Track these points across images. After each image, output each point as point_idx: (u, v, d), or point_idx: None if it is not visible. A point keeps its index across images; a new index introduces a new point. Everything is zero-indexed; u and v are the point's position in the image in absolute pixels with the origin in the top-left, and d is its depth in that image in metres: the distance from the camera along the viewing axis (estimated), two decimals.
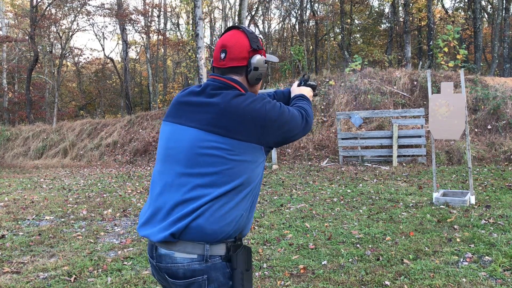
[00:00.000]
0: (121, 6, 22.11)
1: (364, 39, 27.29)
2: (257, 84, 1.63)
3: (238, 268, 1.40)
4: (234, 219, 1.43)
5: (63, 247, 4.54)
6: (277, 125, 1.48)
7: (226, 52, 1.55)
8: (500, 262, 3.47)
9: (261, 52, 1.61)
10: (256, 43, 1.58)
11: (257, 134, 1.45)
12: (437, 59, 13.84)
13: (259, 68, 1.57)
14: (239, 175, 1.43)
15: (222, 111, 1.45)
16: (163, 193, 1.47)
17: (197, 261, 1.38)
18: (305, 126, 1.59)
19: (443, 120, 5.65)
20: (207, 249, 1.39)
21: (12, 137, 17.56)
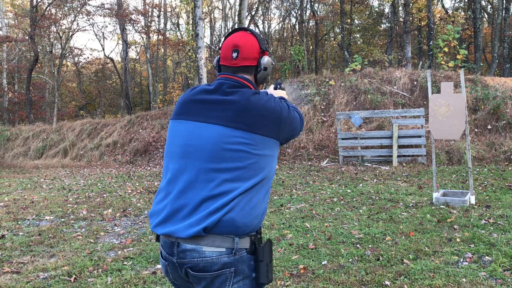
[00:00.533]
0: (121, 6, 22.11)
1: (364, 39, 27.29)
2: (263, 83, 1.70)
3: (264, 260, 1.46)
4: (260, 212, 1.52)
5: (63, 247, 4.54)
6: (289, 122, 1.57)
7: (238, 51, 1.62)
8: (500, 262, 3.47)
9: (268, 53, 1.69)
10: (264, 44, 1.67)
11: (275, 130, 1.53)
12: (437, 59, 13.84)
13: (268, 69, 1.64)
14: (262, 169, 1.51)
15: (243, 108, 1.51)
16: (186, 190, 1.50)
17: (226, 254, 1.44)
18: (302, 125, 1.69)
19: (443, 120, 5.65)
20: (236, 242, 1.44)
21: (12, 137, 17.56)
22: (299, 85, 14.21)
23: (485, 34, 23.96)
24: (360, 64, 14.18)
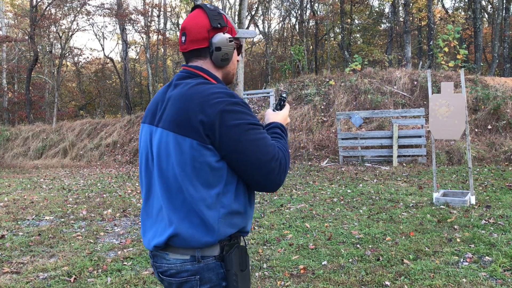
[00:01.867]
0: (121, 6, 22.11)
1: (364, 39, 27.29)
2: (226, 65, 1.48)
3: (231, 269, 1.35)
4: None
5: (63, 247, 4.54)
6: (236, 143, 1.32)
7: (186, 34, 1.45)
8: (500, 262, 3.47)
9: (225, 30, 1.44)
10: (217, 20, 1.43)
11: (206, 133, 1.38)
12: (437, 59, 13.83)
13: (222, 48, 1.42)
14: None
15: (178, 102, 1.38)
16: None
17: (190, 262, 1.36)
18: (272, 172, 1.35)
19: (443, 120, 5.64)
20: (197, 251, 1.36)
21: (12, 137, 17.55)
22: (299, 85, 14.21)
23: (485, 34, 23.96)
24: (360, 64, 14.18)
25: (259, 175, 1.34)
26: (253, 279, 3.44)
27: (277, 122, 1.55)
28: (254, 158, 1.32)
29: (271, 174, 1.35)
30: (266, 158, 1.33)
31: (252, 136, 1.32)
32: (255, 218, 5.38)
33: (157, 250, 1.40)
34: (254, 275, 3.53)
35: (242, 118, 1.32)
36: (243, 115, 1.33)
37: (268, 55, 26.08)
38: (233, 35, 1.48)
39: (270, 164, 1.34)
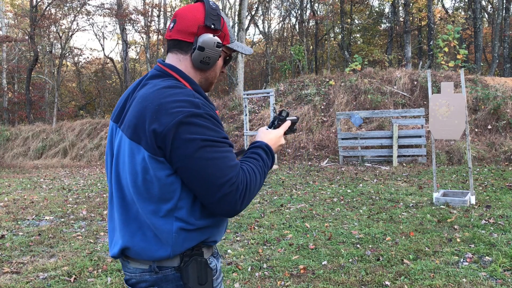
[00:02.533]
0: (121, 6, 22.11)
1: (364, 39, 27.29)
2: (206, 69, 1.36)
3: (188, 283, 1.26)
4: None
5: (63, 247, 4.54)
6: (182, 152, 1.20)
7: (175, 22, 1.34)
8: (501, 262, 3.47)
9: (217, 33, 1.33)
10: (213, 20, 1.32)
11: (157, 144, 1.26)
12: (437, 59, 13.84)
13: (205, 49, 1.30)
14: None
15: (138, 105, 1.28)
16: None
17: (148, 272, 1.28)
18: (226, 197, 1.21)
19: (443, 120, 5.64)
20: (153, 262, 1.29)
21: (12, 137, 17.55)
22: (299, 85, 14.21)
23: (485, 34, 23.96)
24: (360, 64, 14.19)
25: (210, 198, 1.20)
26: (253, 279, 3.44)
27: (263, 142, 1.40)
28: (205, 179, 1.19)
29: (224, 200, 1.21)
30: (219, 181, 1.19)
31: (206, 154, 1.19)
32: (255, 218, 5.39)
33: (117, 258, 1.35)
34: (254, 275, 3.53)
35: (200, 133, 1.18)
36: (202, 129, 1.19)
37: (268, 55, 26.08)
38: (225, 43, 1.38)
39: (223, 188, 1.19)
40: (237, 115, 14.04)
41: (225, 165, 1.21)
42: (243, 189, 1.23)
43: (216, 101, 16.16)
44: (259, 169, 1.32)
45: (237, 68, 16.99)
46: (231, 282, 3.39)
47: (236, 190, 1.21)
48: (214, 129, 1.22)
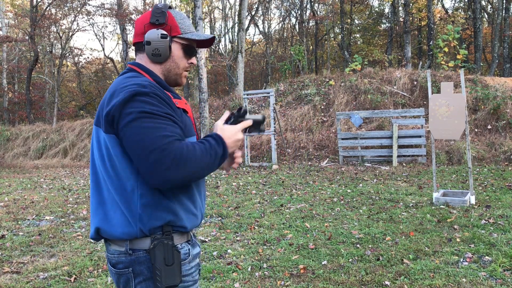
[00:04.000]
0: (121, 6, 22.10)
1: (364, 39, 27.30)
2: (161, 61, 1.47)
3: (155, 263, 1.36)
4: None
5: (63, 247, 4.54)
6: (128, 129, 1.29)
7: (134, 28, 1.53)
8: (500, 262, 3.47)
9: (163, 27, 1.45)
10: (156, 17, 1.45)
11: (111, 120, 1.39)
12: (437, 59, 13.84)
13: (152, 42, 1.43)
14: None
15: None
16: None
17: (123, 254, 1.39)
18: (155, 164, 1.25)
19: (443, 120, 5.65)
20: (126, 244, 1.39)
21: (12, 137, 17.56)
22: (299, 85, 14.21)
23: (485, 34, 23.96)
24: (360, 64, 14.20)
25: (143, 165, 1.27)
26: (253, 279, 3.45)
27: (215, 132, 1.46)
28: (138, 145, 1.27)
29: (154, 167, 1.26)
30: (149, 147, 1.26)
31: (141, 123, 1.28)
32: (255, 218, 5.39)
33: (95, 240, 1.47)
34: (254, 275, 3.53)
35: (140, 107, 1.29)
36: (143, 104, 1.30)
37: (268, 55, 26.08)
38: (174, 34, 1.47)
39: (153, 154, 1.25)
40: None
41: (159, 134, 1.27)
42: (175, 159, 1.25)
43: (216, 101, 16.16)
44: (202, 149, 1.34)
45: (237, 68, 16.99)
46: (231, 282, 3.40)
47: (167, 157, 1.25)
48: (156, 105, 1.32)
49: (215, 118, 14.33)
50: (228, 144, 1.43)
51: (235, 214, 5.63)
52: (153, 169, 1.26)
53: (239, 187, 7.84)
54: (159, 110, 1.31)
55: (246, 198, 6.69)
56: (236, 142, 1.47)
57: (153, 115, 1.30)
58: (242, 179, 8.77)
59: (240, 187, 7.78)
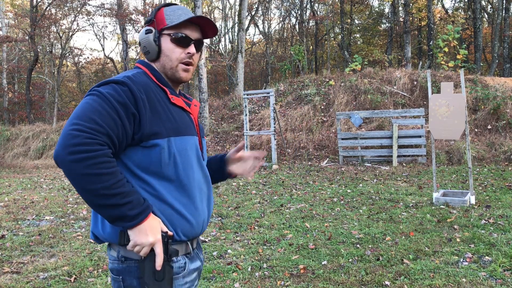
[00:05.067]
0: (121, 6, 22.10)
1: (364, 39, 27.30)
2: (153, 58, 1.43)
3: (143, 277, 1.24)
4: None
5: (63, 247, 4.54)
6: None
7: None
8: (500, 262, 3.47)
9: (151, 24, 1.43)
10: (149, 17, 1.45)
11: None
12: (437, 59, 13.84)
13: (141, 42, 1.43)
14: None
15: None
16: None
17: (116, 261, 1.32)
18: (65, 136, 1.16)
19: (443, 120, 5.65)
20: (118, 249, 1.32)
21: (12, 137, 17.56)
22: (299, 85, 14.21)
23: (485, 34, 23.96)
24: (360, 64, 14.20)
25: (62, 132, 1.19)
26: (253, 279, 3.45)
27: (147, 211, 1.23)
28: (72, 115, 1.21)
29: (62, 136, 1.16)
30: (74, 120, 1.18)
31: (87, 99, 1.24)
32: (255, 218, 5.39)
33: (100, 243, 1.43)
34: (254, 275, 3.53)
35: (101, 89, 1.26)
36: (106, 88, 1.26)
37: (268, 55, 26.08)
38: (161, 26, 1.42)
39: (71, 126, 1.16)
40: (237, 115, 14.05)
41: (92, 113, 1.19)
42: (86, 151, 1.13)
43: (216, 101, 16.16)
44: (110, 179, 1.16)
45: (237, 68, 16.99)
46: (231, 282, 3.40)
47: (77, 137, 1.14)
48: (116, 91, 1.25)
49: (215, 118, 14.34)
50: (146, 222, 1.21)
51: (235, 214, 5.63)
52: (60, 138, 1.16)
53: (239, 187, 7.84)
54: (115, 97, 1.23)
55: (246, 198, 6.69)
56: (150, 231, 1.22)
57: (104, 97, 1.23)
58: (242, 179, 8.77)
59: (240, 187, 7.78)
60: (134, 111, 1.26)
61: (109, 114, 1.21)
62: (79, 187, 1.15)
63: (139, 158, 1.30)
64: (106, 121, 1.20)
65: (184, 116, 1.42)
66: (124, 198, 1.17)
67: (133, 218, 1.19)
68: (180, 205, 1.33)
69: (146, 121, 1.28)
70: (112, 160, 1.19)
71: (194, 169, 1.39)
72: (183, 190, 1.35)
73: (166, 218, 1.31)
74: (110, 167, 1.17)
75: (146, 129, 1.27)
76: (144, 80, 1.34)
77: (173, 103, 1.39)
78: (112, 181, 1.16)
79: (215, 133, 13.49)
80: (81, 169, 1.13)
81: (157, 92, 1.35)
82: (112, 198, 1.16)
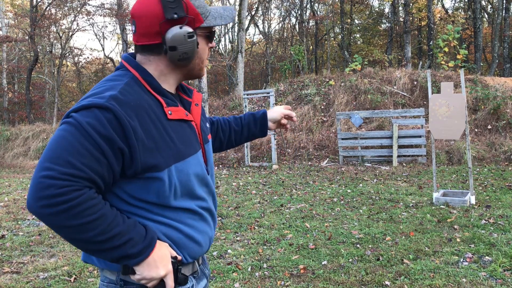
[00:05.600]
0: (121, 6, 22.10)
1: (364, 39, 27.30)
2: (187, 65, 1.20)
3: None
4: None
5: (63, 247, 4.54)
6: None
7: (135, 24, 1.16)
8: (500, 262, 3.47)
9: (184, 21, 1.14)
10: (173, 9, 1.12)
11: None
12: (437, 59, 13.84)
13: (179, 47, 1.13)
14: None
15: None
16: None
17: (113, 284, 1.16)
18: (37, 184, 0.97)
19: (443, 120, 5.65)
20: (118, 273, 1.15)
21: (12, 137, 17.56)
22: (299, 85, 14.21)
23: (485, 34, 23.96)
24: (360, 64, 14.19)
25: (33, 176, 0.98)
26: (253, 279, 3.45)
27: (153, 242, 1.10)
28: (44, 152, 1.01)
29: (33, 187, 0.97)
30: (46, 162, 0.98)
31: (57, 131, 1.03)
32: (255, 218, 5.39)
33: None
34: (254, 275, 3.53)
35: (82, 116, 1.02)
36: (87, 116, 1.02)
37: (268, 55, 26.08)
38: (198, 24, 1.18)
39: (42, 172, 0.97)
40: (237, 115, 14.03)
41: (68, 154, 0.98)
42: (62, 202, 0.95)
43: (216, 101, 16.16)
44: (101, 224, 1.00)
45: (237, 68, 16.99)
46: (231, 282, 3.40)
47: (49, 188, 0.95)
48: (99, 120, 1.01)
49: None
50: (153, 253, 1.08)
51: (235, 214, 5.63)
52: (31, 185, 0.97)
53: (239, 187, 7.84)
54: (99, 131, 1.01)
55: (246, 198, 6.69)
56: (160, 263, 1.09)
57: (83, 129, 1.00)
58: (242, 179, 8.76)
59: (240, 187, 7.78)
60: (122, 146, 1.03)
61: (89, 152, 1.00)
62: (67, 238, 1.00)
63: (132, 190, 1.11)
64: (86, 162, 0.99)
65: (185, 129, 1.20)
66: (123, 237, 1.03)
67: (138, 255, 1.05)
68: (186, 227, 1.19)
69: (139, 154, 1.06)
70: (97, 201, 1.01)
71: (197, 191, 1.22)
72: (187, 212, 1.21)
73: (173, 242, 1.17)
74: (97, 211, 1.00)
75: (140, 163, 1.07)
76: (134, 96, 1.09)
77: (169, 119, 1.15)
78: (104, 224, 1.00)
79: None
80: (63, 221, 0.97)
81: (151, 110, 1.11)
82: (108, 242, 1.01)
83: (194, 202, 1.22)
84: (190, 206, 1.20)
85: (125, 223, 1.05)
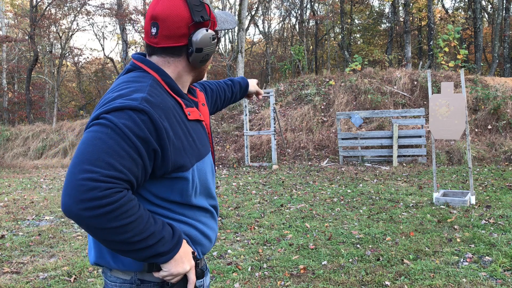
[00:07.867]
0: (121, 6, 22.10)
1: (364, 39, 27.29)
2: (202, 67, 1.26)
3: None
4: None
5: (63, 247, 4.54)
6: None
7: (158, 26, 1.15)
8: (501, 262, 3.47)
9: (207, 24, 1.19)
10: (200, 12, 1.16)
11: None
12: (437, 59, 13.84)
13: (204, 49, 1.17)
14: None
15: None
16: None
17: (128, 284, 1.17)
18: (76, 187, 0.95)
19: (443, 120, 5.64)
20: (135, 273, 1.18)
21: (12, 137, 17.55)
22: (299, 85, 14.21)
23: (485, 34, 23.95)
24: (360, 64, 14.20)
25: (67, 179, 0.97)
26: (253, 279, 3.44)
27: (180, 242, 1.13)
28: (74, 156, 0.99)
29: (72, 189, 0.95)
30: (82, 162, 0.96)
31: (94, 133, 1.00)
32: (255, 218, 5.38)
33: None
34: (254, 275, 3.53)
35: (116, 117, 1.03)
36: (121, 117, 1.02)
37: (268, 55, 26.08)
38: (215, 28, 1.24)
39: (80, 174, 0.95)
40: (237, 115, 14.03)
41: (108, 156, 0.97)
42: (106, 204, 0.95)
43: None
44: (138, 224, 1.01)
45: (237, 68, 16.99)
46: (231, 282, 3.39)
47: (93, 190, 0.95)
48: (135, 123, 1.02)
49: (215, 118, 14.33)
50: (181, 250, 1.12)
51: (235, 214, 5.63)
52: (68, 188, 0.96)
53: (239, 187, 7.83)
54: (133, 130, 1.02)
55: (246, 198, 6.68)
56: (179, 264, 1.12)
57: (124, 134, 1.00)
58: (242, 179, 8.76)
59: (240, 187, 7.77)
60: (156, 147, 1.05)
61: (129, 154, 1.01)
62: (104, 239, 1.01)
63: (158, 189, 1.14)
64: (126, 164, 1.00)
65: (200, 130, 1.25)
66: (156, 237, 1.05)
67: (168, 253, 1.08)
68: (201, 225, 1.24)
69: (170, 155, 1.09)
70: (135, 202, 1.03)
71: (211, 190, 1.29)
72: (202, 211, 1.26)
73: (190, 239, 1.22)
74: (135, 212, 1.02)
75: (171, 163, 1.10)
76: (160, 98, 1.11)
77: (189, 119, 1.20)
78: (141, 226, 1.02)
79: (215, 133, 13.48)
80: (104, 224, 0.97)
81: (175, 111, 1.15)
82: (143, 242, 1.03)
83: (208, 201, 1.28)
84: (204, 204, 1.26)
85: (157, 223, 1.08)
